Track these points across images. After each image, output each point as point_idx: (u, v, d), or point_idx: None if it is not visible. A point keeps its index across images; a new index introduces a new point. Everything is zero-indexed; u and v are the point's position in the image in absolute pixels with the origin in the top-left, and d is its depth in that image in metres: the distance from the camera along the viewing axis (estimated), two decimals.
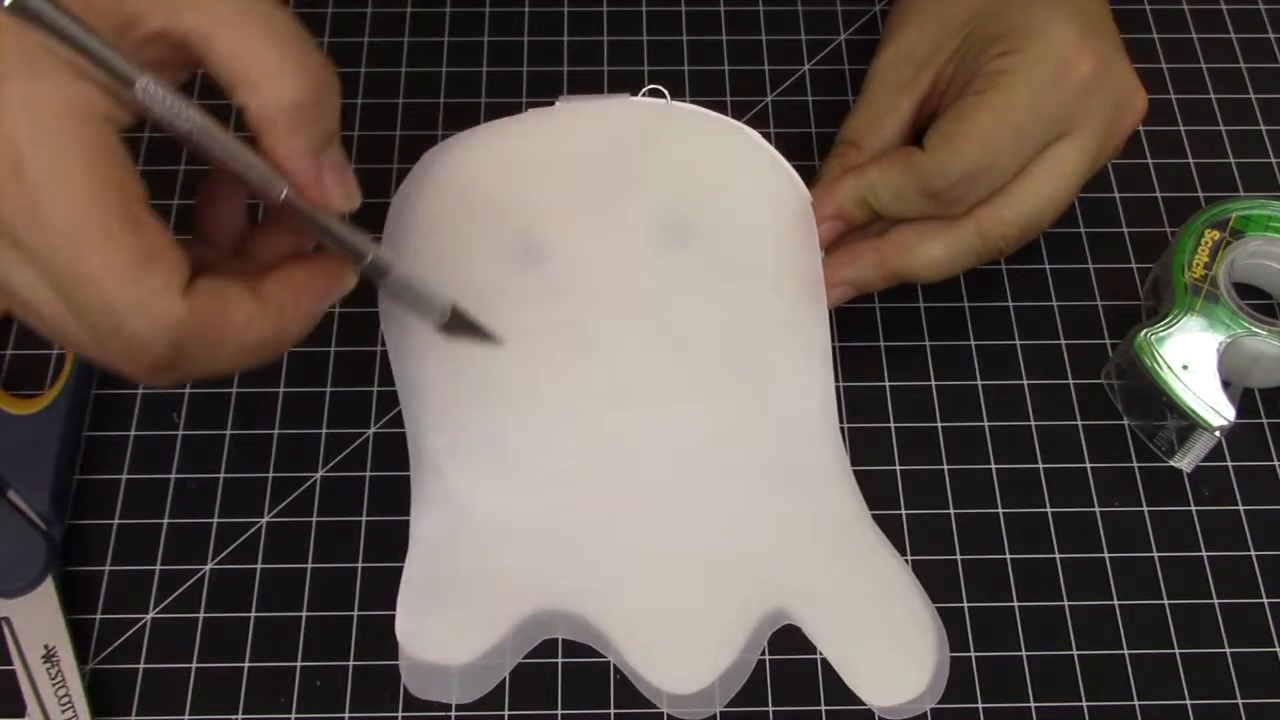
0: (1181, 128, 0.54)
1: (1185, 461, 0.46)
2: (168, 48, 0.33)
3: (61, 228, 0.31)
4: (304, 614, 0.43)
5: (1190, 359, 0.45)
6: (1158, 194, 0.52)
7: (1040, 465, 0.46)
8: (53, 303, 0.32)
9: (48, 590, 0.43)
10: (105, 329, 0.32)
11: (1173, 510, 0.45)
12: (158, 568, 0.44)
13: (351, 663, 0.43)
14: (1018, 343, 0.49)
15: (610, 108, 0.49)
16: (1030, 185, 0.44)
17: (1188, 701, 0.42)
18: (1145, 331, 0.45)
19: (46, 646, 0.42)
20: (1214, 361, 0.45)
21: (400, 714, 0.42)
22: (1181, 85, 0.55)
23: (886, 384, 0.48)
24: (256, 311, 0.34)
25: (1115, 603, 0.44)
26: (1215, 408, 0.44)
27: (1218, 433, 0.44)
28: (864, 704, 0.42)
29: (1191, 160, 0.53)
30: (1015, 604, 0.43)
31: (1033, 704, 0.42)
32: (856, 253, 0.46)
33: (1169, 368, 0.45)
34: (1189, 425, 0.44)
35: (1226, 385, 0.44)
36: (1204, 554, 0.45)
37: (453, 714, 0.42)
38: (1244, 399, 0.47)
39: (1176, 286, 0.46)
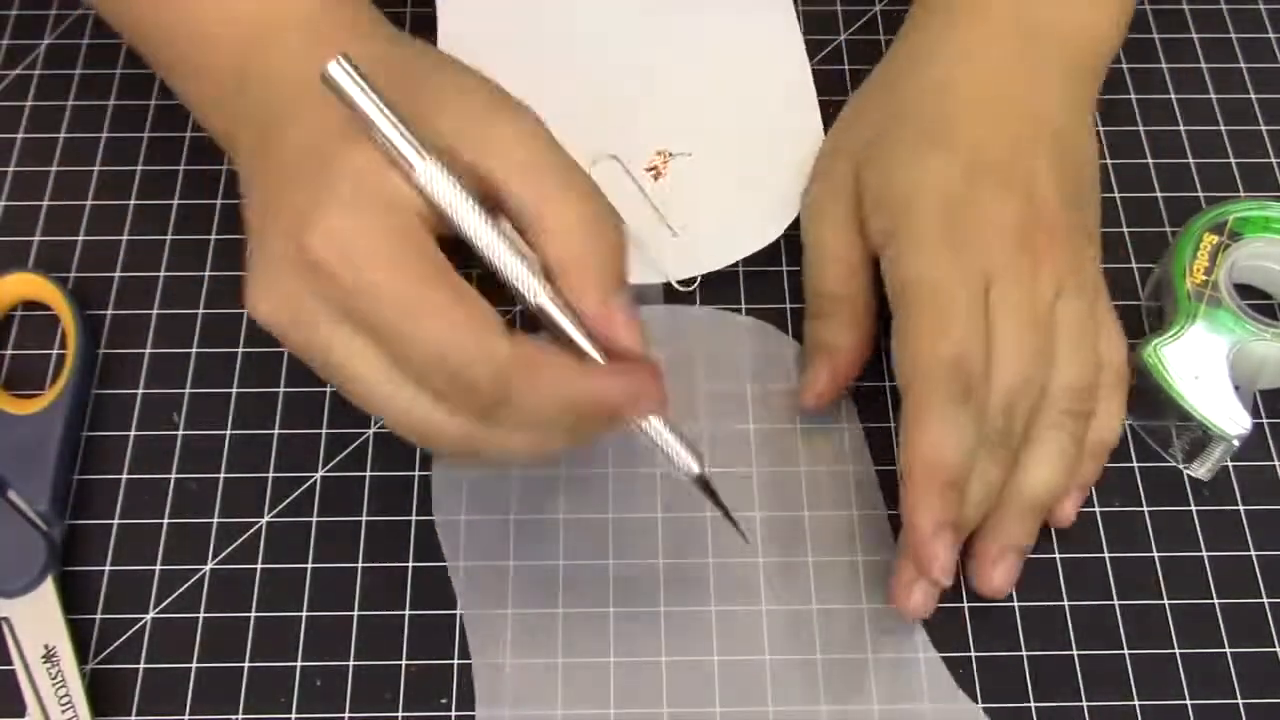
0: (1181, 128, 0.54)
1: (1203, 470, 0.45)
2: (474, 180, 0.36)
3: (400, 302, 0.34)
4: (304, 614, 0.43)
5: (1200, 368, 0.45)
6: (1158, 194, 0.52)
7: None
8: (381, 370, 0.35)
9: (48, 590, 0.43)
10: (438, 379, 0.34)
11: (1173, 510, 0.45)
12: (158, 568, 0.44)
13: (351, 663, 0.43)
14: None
15: None
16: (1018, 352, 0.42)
17: (1188, 701, 0.42)
18: (1154, 344, 0.45)
19: (46, 646, 0.42)
20: (1225, 369, 0.45)
21: (400, 714, 0.42)
22: (1181, 85, 0.55)
23: (886, 384, 0.47)
24: (571, 362, 0.36)
25: (1115, 603, 0.44)
26: (1231, 416, 0.44)
27: (1235, 441, 0.44)
28: (865, 704, 0.42)
29: (1191, 160, 0.53)
30: (1015, 604, 0.43)
31: (1033, 704, 0.42)
32: (990, 532, 0.43)
33: (1180, 379, 0.44)
34: (1205, 435, 0.44)
35: (1236, 389, 0.44)
36: (1204, 554, 0.45)
37: (453, 714, 0.42)
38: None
39: (1179, 293, 0.46)
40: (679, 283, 0.48)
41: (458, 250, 0.36)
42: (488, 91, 0.38)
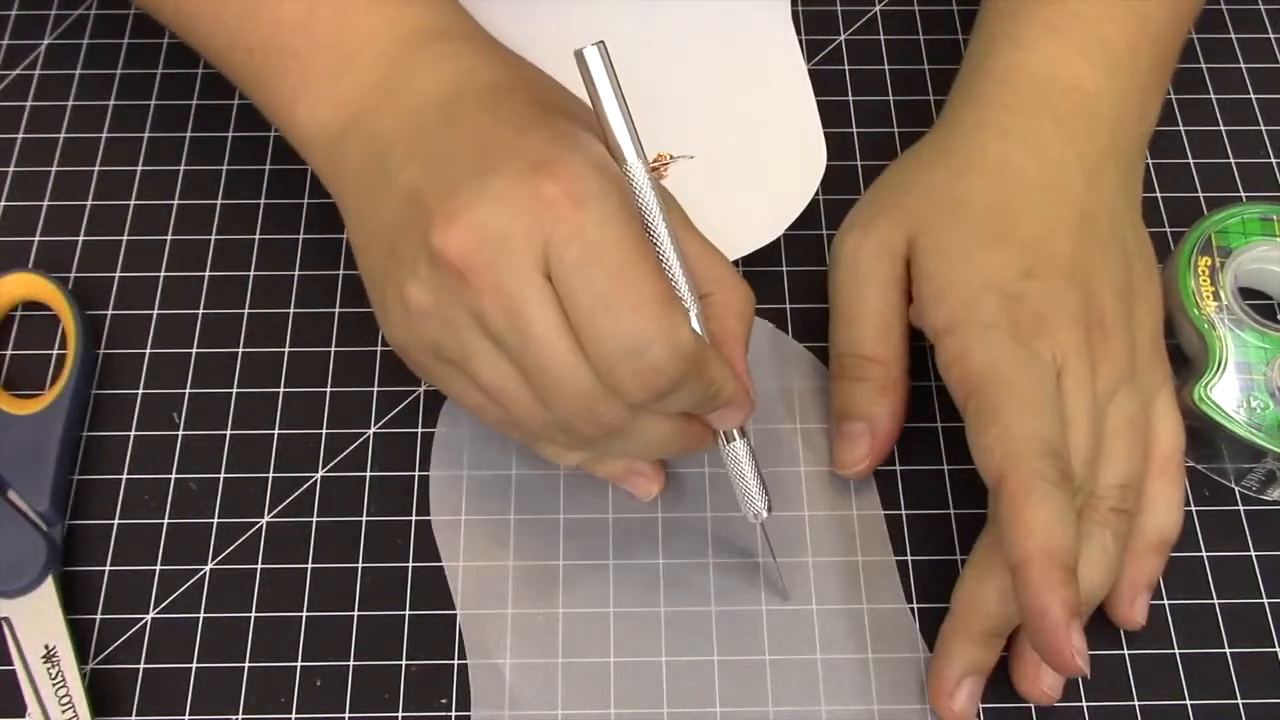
0: (1181, 128, 0.54)
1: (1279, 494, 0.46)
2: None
3: (612, 260, 0.35)
4: (304, 614, 0.43)
5: (1248, 393, 0.45)
6: (1158, 194, 0.52)
7: None
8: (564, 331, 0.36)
9: (48, 590, 0.43)
10: (621, 355, 0.35)
11: None
12: (158, 568, 0.44)
13: (351, 663, 0.43)
14: None
15: None
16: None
17: (1188, 701, 0.42)
18: (1198, 389, 0.45)
19: (47, 646, 0.42)
20: (1271, 388, 0.45)
21: (400, 714, 0.42)
22: (1182, 85, 0.55)
23: None
24: (727, 368, 0.38)
25: None
26: None
27: None
28: (865, 704, 0.42)
29: (1191, 160, 0.53)
30: None
31: (1033, 704, 0.42)
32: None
33: (1236, 414, 0.44)
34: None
35: (1272, 395, 0.45)
36: (1204, 554, 0.45)
37: (453, 714, 0.42)
38: None
39: (1201, 329, 0.46)
40: None
41: None
42: None
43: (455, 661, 0.43)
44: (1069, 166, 0.45)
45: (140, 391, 0.47)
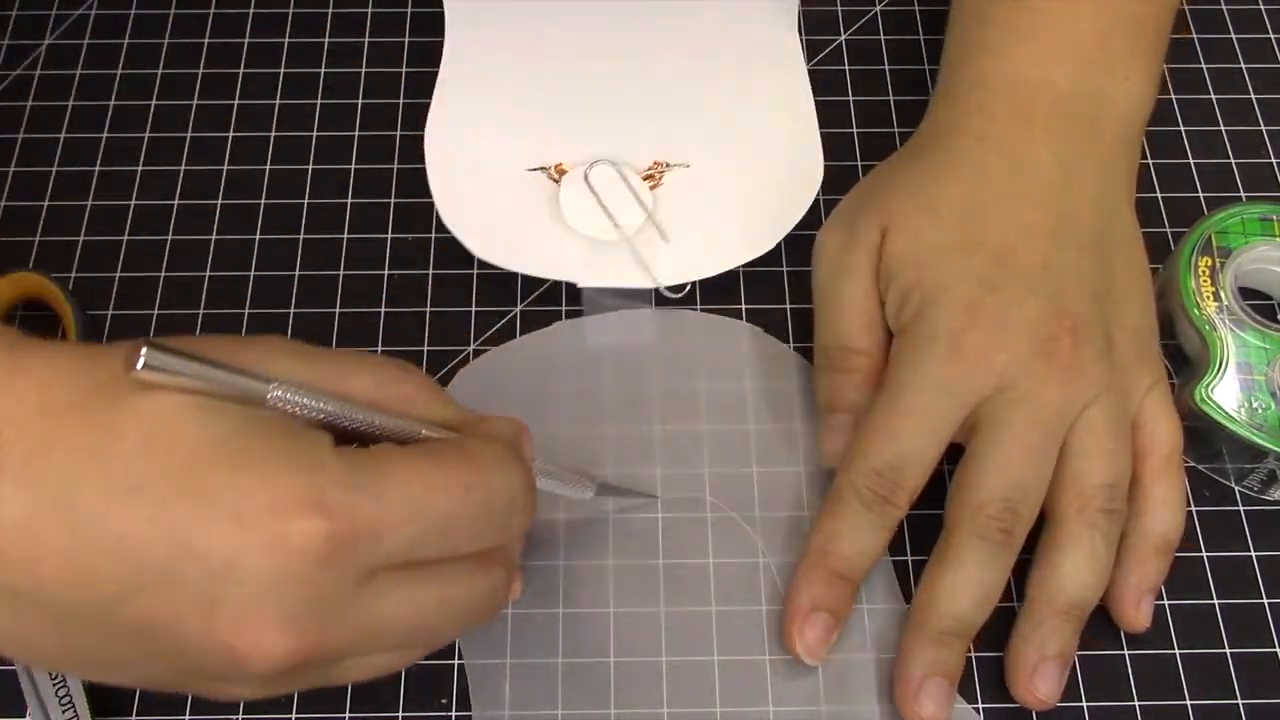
0: (1181, 128, 0.54)
1: None
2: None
3: (431, 489, 0.33)
4: None
5: (1249, 393, 0.44)
6: (1158, 194, 0.52)
7: None
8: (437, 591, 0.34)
9: None
10: (484, 534, 0.34)
11: None
12: None
13: None
14: None
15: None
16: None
17: (1188, 702, 0.42)
18: (1199, 390, 0.45)
19: None
20: (1272, 388, 0.45)
21: (400, 714, 0.42)
22: (1181, 85, 0.55)
23: None
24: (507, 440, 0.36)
25: None
26: None
27: None
28: (865, 704, 0.42)
29: (1191, 160, 0.53)
30: (1016, 605, 0.43)
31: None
32: (1027, 640, 0.42)
33: (1238, 415, 0.44)
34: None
35: (1273, 395, 0.44)
36: (1204, 554, 0.45)
37: (453, 714, 0.42)
38: None
39: (1202, 331, 0.46)
40: (668, 288, 0.48)
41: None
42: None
43: (455, 661, 0.43)
44: (1046, 169, 0.45)
45: None
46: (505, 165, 0.51)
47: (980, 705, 0.42)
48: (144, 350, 0.29)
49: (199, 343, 0.32)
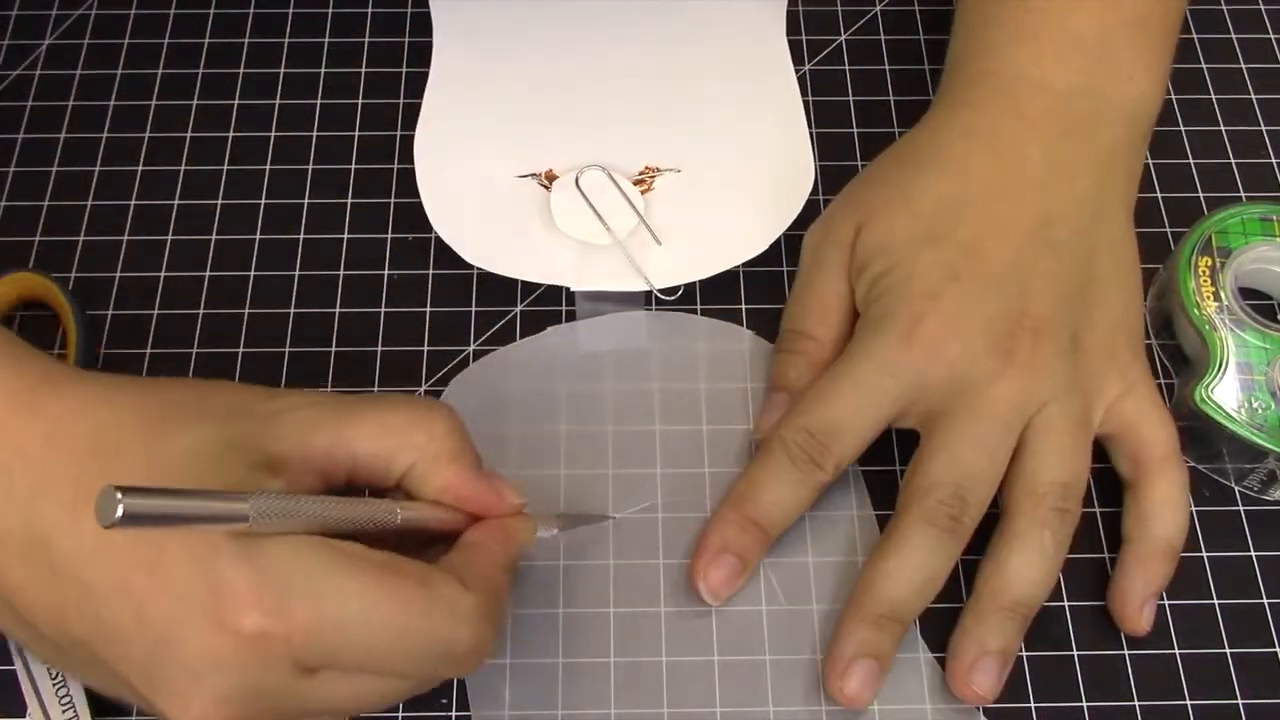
0: (1181, 128, 0.54)
1: None
2: (324, 465, 0.36)
3: (374, 617, 0.33)
4: None
5: (1249, 398, 0.44)
6: (1158, 194, 0.52)
7: None
8: (365, 688, 0.35)
9: None
10: (426, 665, 0.35)
11: None
12: None
13: None
14: None
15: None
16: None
17: (1188, 702, 0.42)
18: (1199, 390, 0.45)
19: None
20: (1272, 388, 0.45)
21: (400, 714, 0.42)
22: (1181, 85, 0.55)
23: None
24: (495, 540, 0.38)
25: None
26: None
27: None
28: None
29: (1191, 160, 0.53)
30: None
31: (1033, 704, 0.42)
32: (967, 634, 0.42)
33: (1238, 415, 0.44)
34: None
35: (1273, 395, 0.44)
36: (1204, 554, 0.45)
37: (453, 714, 0.42)
38: None
39: (1202, 331, 0.45)
40: (661, 291, 0.48)
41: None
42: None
43: None
44: (1032, 166, 0.45)
45: None
46: (495, 172, 0.51)
47: (981, 705, 0.42)
48: (120, 505, 0.29)
49: (222, 415, 0.34)
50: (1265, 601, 0.44)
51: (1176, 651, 0.43)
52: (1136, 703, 0.42)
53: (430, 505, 0.37)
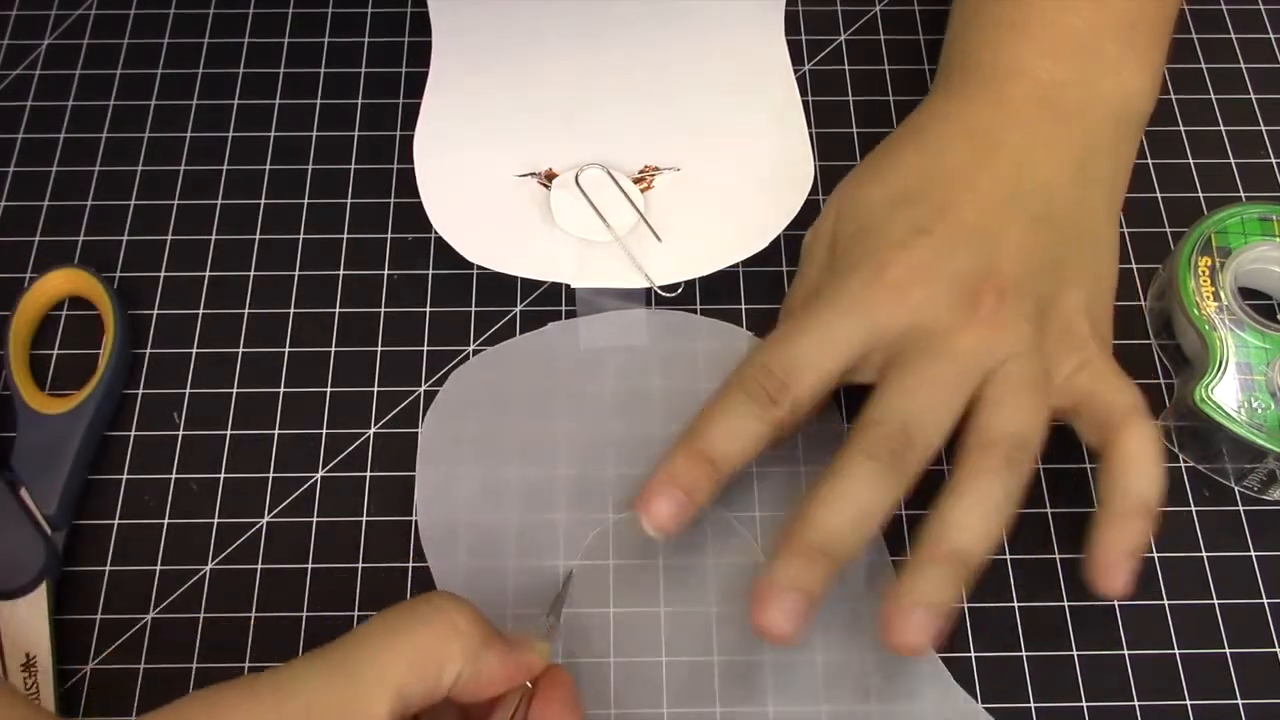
0: (1181, 128, 0.54)
1: None
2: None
3: None
4: (304, 614, 0.43)
5: (1249, 398, 0.44)
6: (1158, 194, 0.52)
7: (1041, 467, 0.46)
8: None
9: (40, 597, 0.43)
10: None
11: (1173, 511, 0.45)
12: (158, 568, 0.44)
13: None
14: None
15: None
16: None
17: (1188, 701, 0.42)
18: (1199, 390, 0.45)
19: (28, 655, 0.42)
20: (1273, 391, 0.45)
21: None
22: (1181, 85, 0.55)
23: None
24: None
25: (1115, 603, 0.44)
26: None
27: None
28: (865, 704, 0.42)
29: (1191, 160, 0.53)
30: (1015, 604, 0.43)
31: (1033, 704, 0.42)
32: (903, 582, 0.40)
33: (1238, 415, 0.44)
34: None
35: (1273, 395, 0.44)
36: (1204, 554, 0.45)
37: None
38: None
39: (1202, 330, 0.46)
40: (662, 288, 0.49)
41: None
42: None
43: None
44: (1012, 151, 0.45)
45: (140, 391, 0.47)
46: (494, 172, 0.51)
47: (980, 705, 0.42)
48: None
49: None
50: (1265, 601, 0.44)
51: (1176, 651, 0.43)
52: (1136, 703, 0.42)
53: (490, 702, 0.37)
